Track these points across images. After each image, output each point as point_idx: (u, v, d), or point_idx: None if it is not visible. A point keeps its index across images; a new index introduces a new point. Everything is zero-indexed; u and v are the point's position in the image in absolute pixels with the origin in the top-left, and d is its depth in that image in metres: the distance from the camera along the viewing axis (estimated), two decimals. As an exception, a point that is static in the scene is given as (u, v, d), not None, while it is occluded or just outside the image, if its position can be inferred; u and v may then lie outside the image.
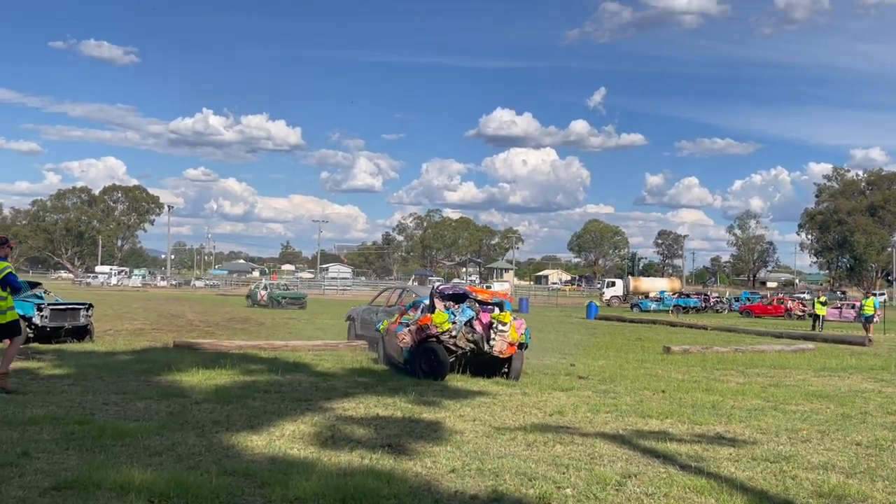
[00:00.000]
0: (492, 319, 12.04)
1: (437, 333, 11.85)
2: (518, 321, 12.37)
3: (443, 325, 11.87)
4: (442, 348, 11.81)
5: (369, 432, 7.37)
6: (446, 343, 11.85)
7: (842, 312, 44.88)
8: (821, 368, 15.66)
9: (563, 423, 8.32)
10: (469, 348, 11.98)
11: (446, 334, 11.85)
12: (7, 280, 9.34)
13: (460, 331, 11.94)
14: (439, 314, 12.04)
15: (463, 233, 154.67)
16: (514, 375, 12.02)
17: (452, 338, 11.88)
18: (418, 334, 11.99)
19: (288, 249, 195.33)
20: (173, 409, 8.29)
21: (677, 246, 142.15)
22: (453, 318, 12.02)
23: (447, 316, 12.01)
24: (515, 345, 11.98)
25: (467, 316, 12.14)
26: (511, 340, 11.92)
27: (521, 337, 12.10)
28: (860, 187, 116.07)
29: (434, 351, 11.82)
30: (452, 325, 11.90)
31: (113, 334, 19.99)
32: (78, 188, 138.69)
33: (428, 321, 11.98)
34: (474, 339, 11.95)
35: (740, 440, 7.71)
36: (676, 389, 11.49)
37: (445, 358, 11.77)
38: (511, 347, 11.95)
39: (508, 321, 12.02)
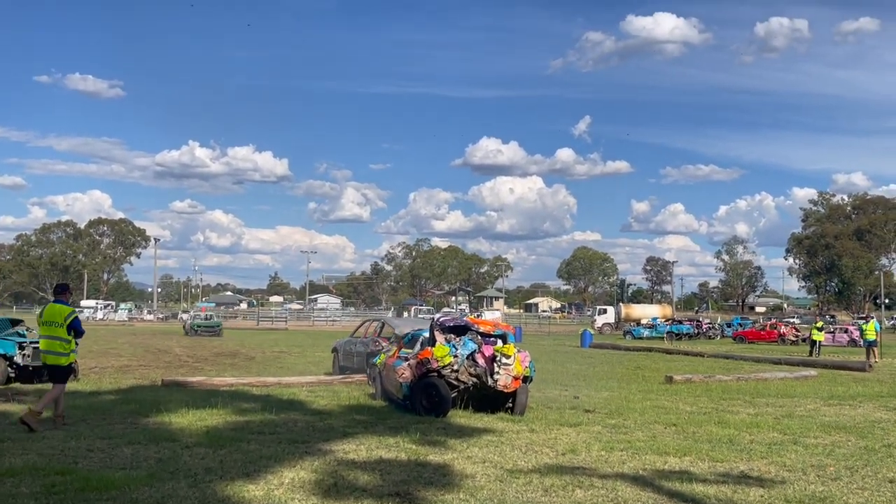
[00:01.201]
0: (495, 352, 11.54)
1: (438, 368, 11.36)
2: (522, 354, 11.86)
3: (444, 358, 11.38)
4: (444, 383, 11.29)
5: (374, 478, 6.88)
6: (448, 378, 11.35)
7: (835, 337, 44.61)
8: (829, 397, 15.27)
9: (578, 464, 7.85)
10: (472, 383, 11.46)
11: (448, 368, 11.35)
12: (73, 325, 9.95)
13: (462, 365, 11.45)
14: (440, 347, 11.55)
15: (452, 261, 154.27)
16: (519, 411, 11.52)
17: (454, 372, 11.38)
18: (418, 369, 11.52)
19: (276, 281, 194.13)
20: (163, 456, 7.77)
21: (665, 272, 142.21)
22: (455, 351, 11.54)
23: (448, 349, 11.52)
24: (520, 378, 11.49)
25: (469, 349, 11.63)
26: (516, 374, 11.41)
27: (525, 370, 11.63)
28: (846, 211, 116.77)
29: (435, 386, 11.30)
30: (454, 359, 11.40)
31: (98, 372, 19.39)
32: (63, 222, 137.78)
33: (428, 355, 11.51)
34: (477, 374, 11.44)
35: (767, 479, 7.26)
36: (688, 422, 11.04)
37: (447, 393, 11.26)
38: (516, 381, 11.45)
39: (512, 354, 11.50)
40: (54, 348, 9.95)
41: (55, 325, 9.92)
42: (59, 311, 9.97)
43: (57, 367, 10.04)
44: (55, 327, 9.92)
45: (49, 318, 9.97)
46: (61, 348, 9.94)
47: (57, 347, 9.94)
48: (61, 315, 9.92)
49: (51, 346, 9.97)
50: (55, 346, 9.95)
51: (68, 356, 10.02)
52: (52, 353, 9.98)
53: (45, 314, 10.04)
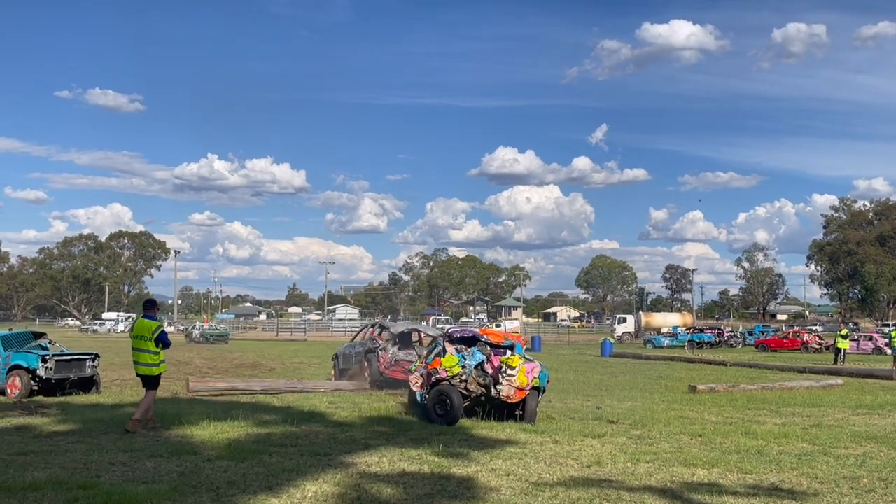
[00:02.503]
0: (501, 363, 11.75)
1: (447, 377, 11.75)
2: (530, 364, 11.94)
3: (452, 368, 11.77)
4: (457, 392, 11.60)
5: (398, 492, 6.79)
6: (458, 387, 11.69)
7: (859, 344, 44.03)
8: (857, 406, 15.01)
9: (604, 476, 7.72)
10: (480, 392, 11.78)
11: (456, 378, 11.73)
12: (160, 338, 10.74)
13: (470, 374, 11.78)
14: (449, 358, 11.95)
15: (470, 271, 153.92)
16: (529, 418, 11.67)
17: (463, 382, 11.74)
18: (429, 378, 11.91)
19: (294, 292, 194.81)
20: (185, 469, 7.72)
21: (685, 280, 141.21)
22: (463, 361, 11.89)
23: (457, 359, 11.89)
24: (525, 389, 11.62)
25: (477, 360, 11.94)
26: (519, 385, 11.57)
27: (533, 381, 11.72)
28: (868, 217, 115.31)
29: (447, 394, 11.58)
30: (462, 370, 11.77)
31: (120, 384, 19.42)
32: (84, 235, 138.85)
33: (437, 365, 11.92)
34: (485, 384, 11.74)
35: (799, 492, 7.10)
36: (714, 433, 10.86)
37: (459, 402, 11.52)
38: (519, 392, 11.60)
39: (517, 365, 11.66)
40: (144, 360, 10.75)
41: (144, 339, 10.71)
42: (147, 325, 10.75)
43: (149, 376, 10.78)
44: (144, 340, 10.70)
45: (139, 332, 10.79)
46: (150, 360, 10.73)
47: (147, 359, 10.74)
48: (149, 329, 10.70)
49: (141, 357, 10.77)
50: (145, 358, 10.74)
51: (158, 366, 10.79)
52: (143, 365, 10.77)
53: (135, 328, 10.93)
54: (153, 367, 10.77)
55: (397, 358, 18.13)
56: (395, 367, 17.88)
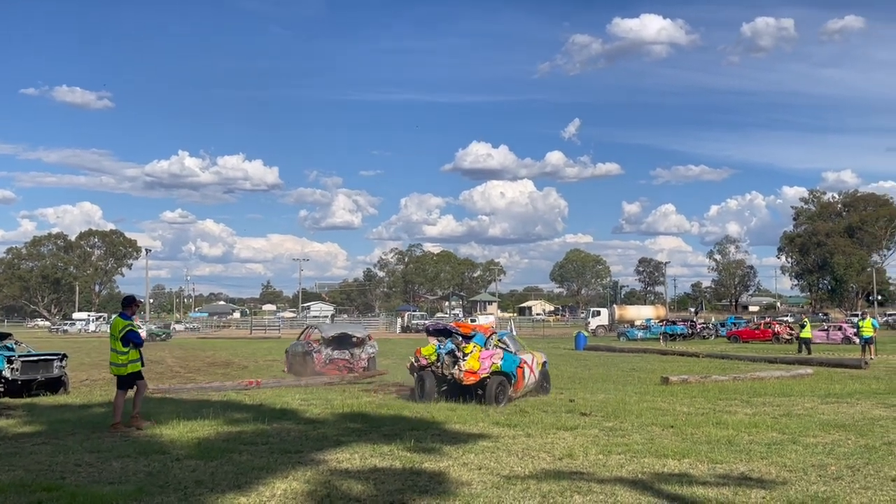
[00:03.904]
0: (460, 350, 13.66)
1: (427, 364, 13.83)
2: (487, 352, 13.64)
3: (431, 356, 13.88)
4: (430, 375, 13.67)
5: (368, 488, 6.74)
6: (435, 371, 13.67)
7: (829, 334, 44.63)
8: (826, 395, 15.18)
9: (576, 468, 7.73)
10: (448, 375, 13.58)
11: (434, 364, 13.74)
12: (127, 336, 10.57)
13: (443, 361, 13.66)
14: (428, 347, 14.15)
15: (444, 266, 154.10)
16: (488, 399, 13.06)
17: (439, 367, 13.68)
18: (415, 363, 14.04)
19: (268, 289, 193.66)
20: (152, 469, 7.61)
21: (658, 273, 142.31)
22: (439, 349, 13.93)
23: (434, 348, 14.01)
24: (477, 373, 13.23)
25: (448, 348, 13.91)
26: (469, 369, 13.28)
27: (492, 366, 13.29)
28: (837, 209, 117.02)
29: (423, 378, 13.76)
30: (437, 357, 13.77)
31: (89, 384, 19.15)
32: (53, 234, 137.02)
33: (419, 353, 14.05)
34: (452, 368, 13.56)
35: (768, 480, 7.15)
36: (685, 424, 10.92)
37: (432, 384, 13.63)
38: (470, 374, 13.25)
39: (469, 351, 13.53)
40: (114, 359, 10.74)
41: (114, 338, 10.67)
42: (116, 323, 10.71)
43: (118, 376, 10.73)
44: (114, 339, 10.67)
45: (111, 331, 10.82)
46: (118, 359, 10.64)
47: (115, 358, 10.70)
48: (117, 328, 10.63)
49: (111, 357, 10.79)
50: (114, 358, 10.72)
51: (126, 366, 10.61)
52: (112, 364, 10.80)
53: (110, 327, 10.97)
54: (121, 366, 10.65)
55: (332, 357, 20.74)
56: (330, 366, 20.61)
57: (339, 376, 19.13)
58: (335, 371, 20.21)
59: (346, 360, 20.89)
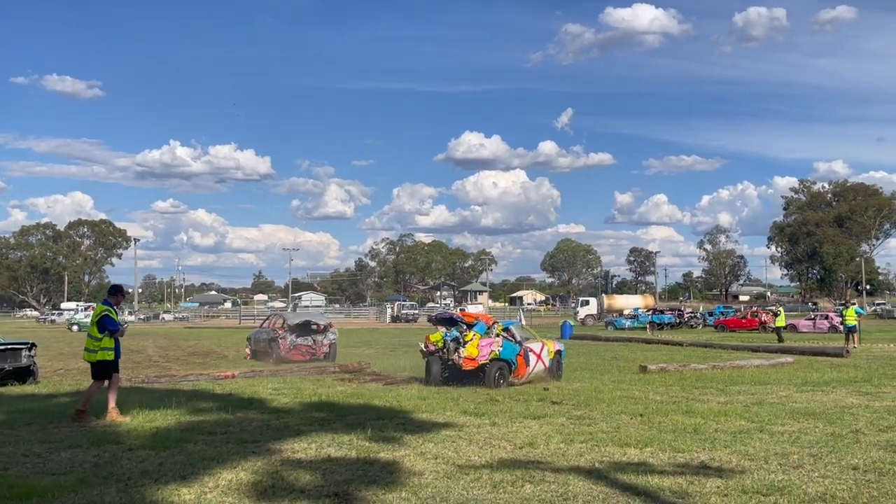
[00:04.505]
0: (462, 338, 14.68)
1: (435, 349, 14.97)
2: (486, 340, 14.64)
3: (438, 343, 14.99)
4: (437, 360, 14.88)
5: (316, 478, 6.58)
6: (442, 356, 14.77)
7: (815, 323, 44.65)
8: (803, 383, 15.09)
9: (534, 457, 7.59)
10: (450, 361, 14.62)
11: (441, 350, 14.87)
12: (102, 322, 10.28)
13: (448, 347, 14.73)
14: (436, 334, 15.27)
15: (436, 256, 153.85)
16: (488, 383, 14.09)
17: (445, 352, 14.76)
18: (424, 349, 15.22)
19: (260, 279, 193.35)
20: (101, 459, 7.44)
21: (649, 263, 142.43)
22: (446, 336, 14.99)
23: (441, 335, 15.08)
24: (476, 359, 14.26)
25: (453, 336, 14.96)
26: (468, 356, 14.30)
27: (491, 353, 14.33)
28: (827, 199, 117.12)
29: (430, 362, 15.00)
30: (444, 343, 14.85)
31: (62, 374, 18.92)
32: (42, 224, 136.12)
33: (428, 340, 15.21)
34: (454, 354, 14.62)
35: (727, 469, 7.03)
36: (655, 412, 10.80)
37: (438, 368, 14.86)
38: (469, 361, 14.29)
39: (469, 339, 14.59)
40: (87, 345, 10.51)
41: (91, 323, 10.46)
42: (95, 310, 10.62)
43: (90, 364, 10.47)
44: (92, 325, 10.43)
45: (91, 317, 10.65)
46: (91, 345, 10.39)
47: (88, 344, 10.48)
48: (96, 313, 10.48)
49: (86, 343, 10.54)
50: (88, 343, 10.47)
51: (97, 353, 10.29)
52: (85, 350, 10.56)
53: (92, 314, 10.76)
54: (93, 353, 10.38)
55: (295, 343, 22.28)
56: (294, 351, 22.13)
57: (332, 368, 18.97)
58: (299, 356, 21.87)
59: (309, 346, 22.56)
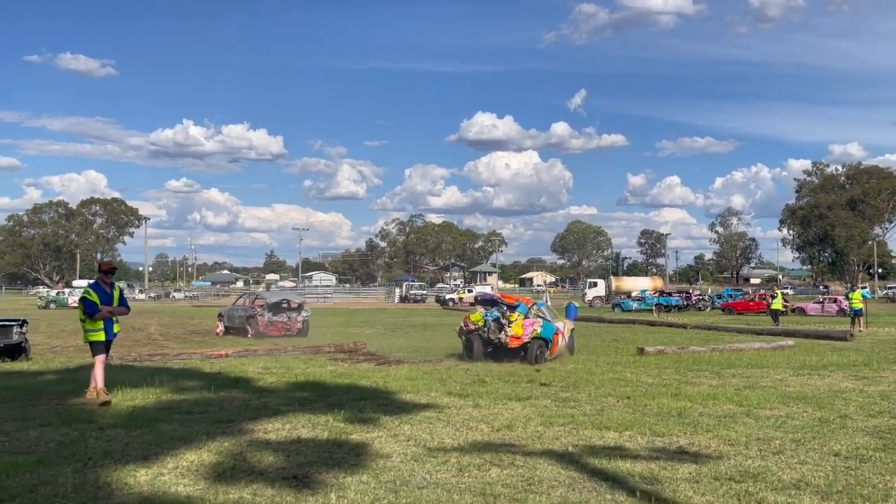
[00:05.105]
0: (506, 318, 15.71)
1: (475, 328, 15.92)
2: (530, 320, 15.77)
3: (478, 322, 15.96)
4: (477, 338, 15.79)
5: (279, 460, 6.45)
6: (482, 335, 15.73)
7: (824, 307, 44.27)
8: (800, 366, 14.85)
9: (509, 440, 7.44)
10: (496, 339, 15.58)
11: (480, 329, 15.82)
12: (82, 302, 10.10)
13: (489, 326, 15.69)
14: (476, 314, 16.38)
15: (446, 237, 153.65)
16: (530, 359, 15.15)
17: (485, 331, 15.71)
18: (464, 328, 16.16)
19: (272, 259, 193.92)
20: (68, 439, 7.34)
21: (660, 245, 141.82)
22: (486, 316, 16.00)
23: (482, 315, 16.12)
24: (521, 338, 15.37)
25: (494, 316, 15.99)
26: (514, 335, 15.38)
27: (533, 333, 15.44)
28: (840, 182, 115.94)
29: (471, 340, 15.92)
30: (484, 322, 15.82)
31: (58, 352, 18.90)
32: (55, 202, 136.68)
33: (468, 319, 16.23)
34: (497, 333, 15.58)
35: (704, 454, 6.85)
36: (643, 395, 10.62)
37: (479, 346, 15.73)
38: (515, 339, 15.39)
39: (514, 319, 15.62)
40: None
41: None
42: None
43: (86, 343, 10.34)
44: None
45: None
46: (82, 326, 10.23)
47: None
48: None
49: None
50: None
51: (86, 333, 10.17)
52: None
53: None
54: (84, 333, 10.28)
55: (272, 320, 24.39)
56: (271, 327, 24.24)
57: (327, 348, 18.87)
58: (275, 332, 24.08)
59: (284, 323, 24.69)
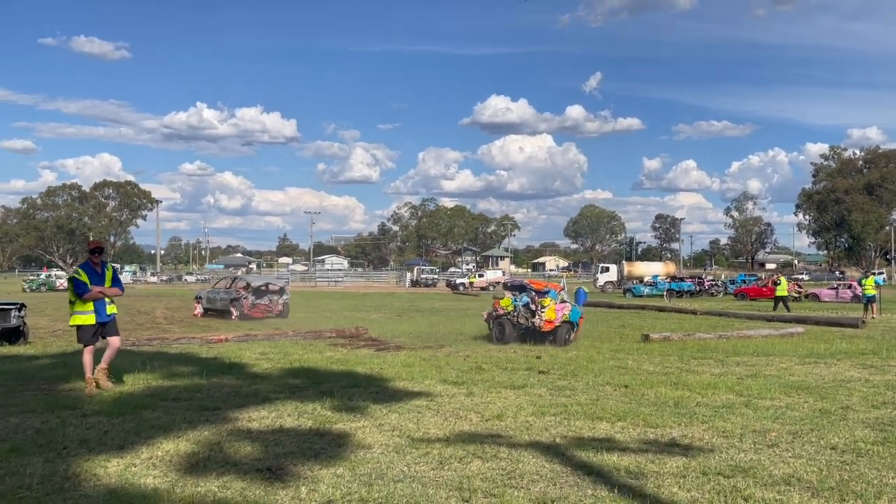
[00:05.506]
0: (538, 303, 16.64)
1: (504, 313, 16.99)
2: (561, 305, 16.66)
3: (508, 307, 17.00)
4: (508, 322, 16.84)
5: (257, 450, 6.29)
6: (511, 319, 16.79)
7: (838, 293, 43.77)
8: (807, 354, 14.58)
9: (497, 430, 7.25)
10: (526, 323, 16.59)
11: (510, 313, 16.89)
12: (71, 281, 9.70)
13: (519, 311, 16.79)
14: (506, 299, 17.25)
15: (458, 221, 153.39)
16: (559, 343, 16.02)
17: (514, 316, 16.80)
18: (494, 313, 17.23)
19: (285, 242, 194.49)
20: (47, 426, 7.21)
21: (674, 229, 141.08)
22: (515, 302, 17.02)
23: (511, 300, 17.10)
24: (554, 322, 16.27)
25: (524, 301, 16.98)
26: (547, 319, 16.30)
27: (563, 317, 16.39)
28: (857, 166, 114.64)
29: (502, 324, 16.93)
30: (514, 307, 16.89)
31: (59, 335, 18.86)
32: (68, 185, 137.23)
33: (498, 304, 17.29)
34: (528, 317, 16.61)
35: (696, 447, 6.63)
36: (642, 384, 10.39)
37: (511, 329, 16.75)
38: (548, 323, 16.28)
39: (547, 304, 16.50)
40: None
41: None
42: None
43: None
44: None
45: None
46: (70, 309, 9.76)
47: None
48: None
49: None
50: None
51: (73, 315, 9.69)
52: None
53: None
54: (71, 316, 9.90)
55: (255, 303, 25.89)
56: (254, 309, 25.65)
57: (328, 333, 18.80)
58: (258, 314, 25.55)
59: (266, 305, 26.19)
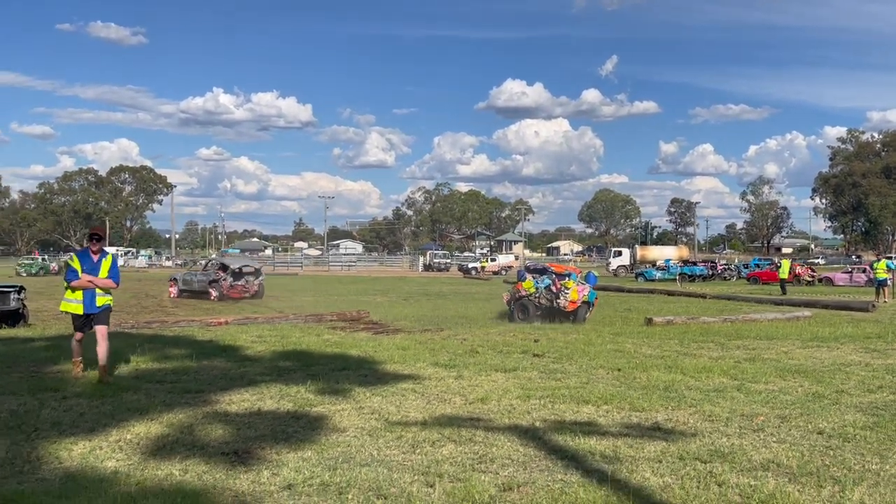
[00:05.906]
0: (560, 285, 18.22)
1: (526, 294, 18.60)
2: (581, 286, 18.38)
3: (530, 289, 18.57)
4: (532, 303, 18.51)
5: (228, 433, 6.20)
6: (533, 301, 18.43)
7: (852, 277, 43.30)
8: (811, 338, 14.34)
9: (478, 414, 7.12)
10: (547, 304, 18.24)
11: (532, 295, 18.53)
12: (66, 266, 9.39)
13: (541, 293, 18.33)
14: (528, 282, 18.81)
15: (472, 206, 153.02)
16: (579, 320, 17.69)
17: (536, 297, 18.43)
18: (515, 295, 19.08)
19: (301, 227, 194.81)
20: (24, 408, 7.15)
21: (690, 214, 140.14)
22: (537, 284, 18.51)
23: (532, 283, 18.66)
24: (577, 302, 18.03)
25: (546, 283, 18.42)
26: (571, 300, 18.04)
27: (583, 297, 18.18)
28: (875, 149, 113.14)
29: (525, 305, 18.60)
30: (536, 290, 18.45)
31: (60, 319, 18.89)
32: (85, 170, 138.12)
33: (520, 287, 18.92)
34: (550, 299, 18.24)
35: (679, 431, 6.48)
36: (635, 367, 10.23)
37: (533, 310, 18.41)
38: (572, 304, 18.02)
39: (571, 286, 18.17)
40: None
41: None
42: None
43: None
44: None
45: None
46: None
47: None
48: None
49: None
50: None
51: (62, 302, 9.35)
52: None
53: None
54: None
55: (234, 284, 27.96)
56: (233, 290, 27.81)
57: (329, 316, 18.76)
58: (236, 294, 27.63)
59: (243, 286, 28.34)
